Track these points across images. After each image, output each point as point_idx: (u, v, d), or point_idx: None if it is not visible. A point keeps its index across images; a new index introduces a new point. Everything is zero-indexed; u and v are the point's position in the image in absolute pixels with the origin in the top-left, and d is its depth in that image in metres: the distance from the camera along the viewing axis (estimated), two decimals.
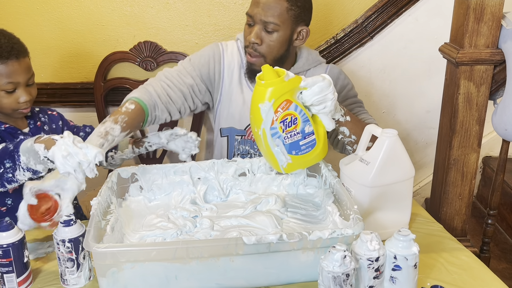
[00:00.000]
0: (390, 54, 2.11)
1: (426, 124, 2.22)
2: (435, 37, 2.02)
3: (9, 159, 1.15)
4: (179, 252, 1.06)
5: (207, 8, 2.01)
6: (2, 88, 1.35)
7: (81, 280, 1.15)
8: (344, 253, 0.99)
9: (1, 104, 1.37)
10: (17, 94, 1.37)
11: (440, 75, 1.59)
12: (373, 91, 2.17)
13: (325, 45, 2.06)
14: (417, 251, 1.05)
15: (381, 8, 2.01)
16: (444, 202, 1.49)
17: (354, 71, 2.13)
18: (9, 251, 1.10)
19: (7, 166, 1.16)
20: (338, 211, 1.25)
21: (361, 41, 2.06)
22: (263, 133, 1.20)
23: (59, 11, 2.00)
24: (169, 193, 1.44)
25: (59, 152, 1.08)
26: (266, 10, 1.44)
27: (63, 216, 1.14)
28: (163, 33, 2.04)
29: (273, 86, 1.17)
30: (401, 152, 1.27)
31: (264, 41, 1.48)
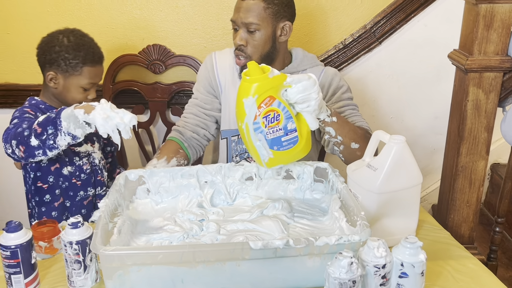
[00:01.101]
0: (398, 60, 2.11)
1: (434, 130, 2.22)
2: (444, 43, 2.00)
3: (51, 125, 1.26)
4: (185, 256, 1.06)
5: (215, 12, 2.02)
6: (83, 86, 1.52)
7: (87, 282, 1.15)
8: (350, 260, 0.99)
9: (74, 98, 1.52)
10: (89, 92, 1.55)
11: (448, 81, 1.59)
12: (381, 96, 2.17)
13: (333, 50, 2.07)
14: (424, 259, 1.05)
15: (390, 14, 2.01)
16: (451, 209, 1.49)
17: (362, 76, 2.13)
18: (17, 252, 1.10)
19: (49, 133, 1.26)
20: (345, 217, 1.25)
21: (370, 46, 2.07)
22: (246, 127, 1.23)
23: (69, 14, 2.01)
24: (176, 196, 1.44)
25: (99, 115, 1.19)
26: (245, 12, 1.54)
27: None
28: (171, 36, 2.05)
29: (257, 82, 1.20)
30: (409, 159, 1.26)
31: (248, 42, 1.57)
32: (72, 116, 1.24)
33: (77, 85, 1.51)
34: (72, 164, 1.57)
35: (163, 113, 2.09)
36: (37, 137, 1.28)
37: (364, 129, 1.54)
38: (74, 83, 1.51)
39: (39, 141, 1.28)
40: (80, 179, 1.59)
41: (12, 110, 2.04)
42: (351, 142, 1.42)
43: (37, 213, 1.59)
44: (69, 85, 1.52)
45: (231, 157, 1.74)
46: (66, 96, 1.53)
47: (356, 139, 1.43)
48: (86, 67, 1.50)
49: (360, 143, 1.43)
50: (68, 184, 1.57)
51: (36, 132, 1.28)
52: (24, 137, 1.29)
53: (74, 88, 1.52)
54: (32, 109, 1.51)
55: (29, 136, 1.28)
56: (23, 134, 1.30)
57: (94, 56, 1.53)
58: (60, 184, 1.57)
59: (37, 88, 2.03)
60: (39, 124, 1.28)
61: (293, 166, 1.46)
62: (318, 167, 1.46)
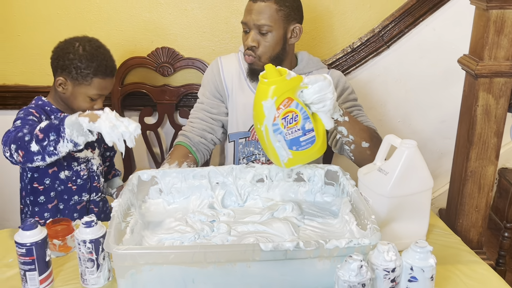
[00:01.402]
0: (406, 64, 2.11)
1: (441, 134, 2.22)
2: (452, 47, 2.03)
3: (54, 132, 1.26)
4: (196, 256, 1.08)
5: (224, 15, 2.03)
6: (90, 96, 1.51)
7: (100, 280, 1.17)
8: (360, 263, 1.00)
9: (79, 106, 1.51)
10: (95, 102, 1.54)
11: (456, 85, 1.60)
12: (389, 100, 2.18)
13: (341, 54, 2.08)
14: (434, 263, 1.05)
15: (398, 18, 2.02)
16: (460, 214, 1.49)
17: (370, 80, 2.13)
18: (32, 249, 1.13)
19: (51, 139, 1.27)
20: (355, 220, 1.26)
21: (378, 50, 2.07)
22: (265, 129, 1.25)
23: (79, 16, 2.03)
24: (187, 196, 1.46)
25: (105, 124, 1.21)
26: (258, 14, 1.56)
27: None
28: (180, 39, 2.06)
29: (276, 84, 1.22)
30: (420, 163, 1.27)
31: (260, 43, 1.59)
32: (76, 124, 1.25)
33: (85, 94, 1.51)
34: (70, 168, 1.58)
35: (171, 115, 2.10)
36: (38, 142, 1.28)
37: (372, 128, 1.56)
38: (82, 92, 1.51)
39: (39, 147, 1.28)
40: (76, 184, 1.60)
41: None
42: (362, 141, 1.44)
43: (30, 211, 1.60)
44: (77, 93, 1.51)
45: (238, 159, 1.76)
46: (73, 102, 1.53)
47: (366, 138, 1.45)
48: (97, 78, 1.50)
49: (369, 142, 1.45)
50: (63, 188, 1.58)
51: (38, 137, 1.28)
52: (25, 142, 1.29)
53: (82, 97, 1.51)
54: (37, 110, 1.51)
55: (29, 141, 1.29)
56: (24, 139, 1.30)
57: (107, 69, 1.52)
58: (56, 187, 1.57)
59: (46, 90, 2.04)
60: (41, 130, 1.28)
61: (304, 168, 1.47)
62: (329, 170, 1.47)
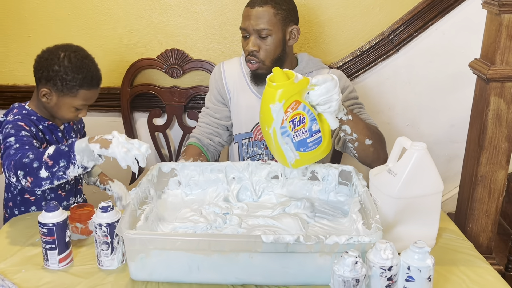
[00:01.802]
0: (415, 67, 2.10)
1: (450, 138, 2.20)
2: (462, 51, 2.02)
3: (64, 158, 1.28)
4: (201, 244, 1.13)
5: (234, 18, 2.06)
6: (75, 106, 1.52)
7: (114, 262, 1.24)
8: (355, 259, 1.02)
9: (64, 116, 1.54)
10: (80, 112, 1.55)
11: (465, 89, 1.58)
12: (398, 104, 2.17)
13: (350, 57, 2.09)
14: (432, 264, 1.06)
15: (408, 21, 2.02)
16: (470, 219, 1.47)
17: (379, 83, 2.13)
18: (53, 230, 1.22)
19: (61, 165, 1.28)
20: (362, 219, 1.27)
21: (387, 54, 2.07)
22: (273, 132, 1.27)
23: (89, 17, 2.08)
24: (204, 189, 1.52)
25: (119, 149, 1.25)
26: (256, 19, 1.60)
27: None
28: (190, 41, 2.10)
29: (284, 87, 1.24)
30: (429, 166, 1.27)
31: (261, 47, 1.62)
32: (87, 150, 1.27)
33: (70, 105, 1.51)
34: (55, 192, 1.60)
35: (179, 116, 2.15)
36: (48, 169, 1.28)
37: (374, 126, 1.57)
38: (67, 102, 1.50)
39: (49, 173, 1.29)
40: (65, 190, 1.63)
41: None
42: (365, 139, 1.46)
43: None
44: (61, 103, 1.51)
45: (242, 159, 1.80)
46: (57, 112, 1.53)
47: (369, 136, 1.46)
48: (82, 90, 1.49)
49: (372, 139, 1.47)
50: (54, 195, 1.61)
51: (47, 164, 1.28)
52: (33, 169, 1.29)
53: (66, 107, 1.51)
54: (26, 123, 1.49)
55: (39, 168, 1.28)
56: (32, 166, 1.29)
57: (93, 80, 1.51)
58: (46, 196, 1.60)
59: None
60: (50, 157, 1.28)
61: (318, 168, 1.50)
62: (343, 170, 1.49)
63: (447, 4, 1.99)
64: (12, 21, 2.10)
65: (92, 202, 1.44)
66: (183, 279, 1.18)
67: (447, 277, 1.22)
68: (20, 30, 2.11)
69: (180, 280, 1.18)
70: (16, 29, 2.10)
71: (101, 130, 1.50)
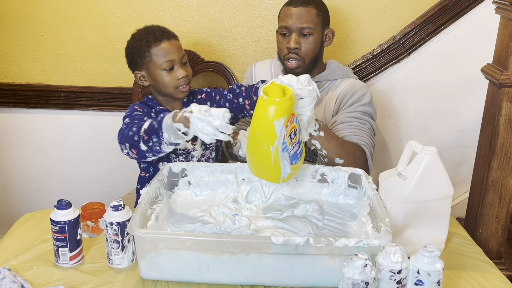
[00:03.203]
0: (426, 72, 2.11)
1: (460, 143, 2.20)
2: (473, 56, 2.02)
3: (155, 135, 1.32)
4: (211, 244, 1.14)
5: (245, 20, 2.07)
6: (162, 68, 1.51)
7: (124, 261, 1.25)
8: (365, 262, 1.02)
9: (166, 84, 1.53)
10: (175, 72, 1.52)
11: (476, 94, 1.58)
12: (408, 108, 2.17)
13: (361, 60, 2.09)
14: (441, 268, 1.06)
15: (419, 25, 2.02)
16: (480, 224, 1.47)
17: (389, 87, 2.14)
18: (65, 227, 1.23)
19: (154, 141, 1.33)
20: (372, 222, 1.27)
21: (398, 57, 2.08)
22: (276, 150, 1.20)
23: (102, 18, 2.09)
24: (214, 190, 1.52)
25: (196, 129, 1.24)
26: (300, 17, 1.65)
27: None
28: (201, 42, 2.11)
29: (286, 102, 1.17)
30: (439, 170, 1.27)
31: (302, 45, 1.67)
32: (171, 129, 1.28)
33: (159, 70, 1.51)
34: (168, 160, 1.60)
35: None
36: (145, 143, 1.34)
37: (356, 145, 1.56)
38: (154, 70, 1.52)
39: (147, 147, 1.34)
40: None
41: (44, 110, 2.22)
42: (335, 157, 1.48)
43: None
44: (153, 75, 1.53)
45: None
46: (159, 86, 1.54)
47: (342, 155, 1.48)
48: (153, 48, 1.50)
49: (345, 158, 1.49)
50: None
51: (144, 139, 1.33)
52: (135, 142, 1.35)
53: (159, 76, 1.52)
54: (140, 106, 1.56)
55: (138, 141, 1.35)
56: (134, 139, 1.35)
57: (156, 34, 1.51)
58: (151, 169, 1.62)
59: (68, 89, 2.17)
60: (145, 132, 1.33)
61: (328, 170, 1.50)
62: (353, 173, 1.48)
63: (459, 9, 1.99)
64: (26, 21, 2.12)
65: (103, 200, 1.45)
66: (193, 279, 1.19)
67: (456, 281, 1.22)
68: (34, 30, 2.13)
69: (189, 279, 1.19)
70: (30, 28, 2.13)
71: (113, 130, 1.52)
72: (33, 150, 2.30)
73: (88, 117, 2.24)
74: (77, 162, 2.31)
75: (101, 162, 2.27)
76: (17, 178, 2.35)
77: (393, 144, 2.24)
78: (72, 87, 2.19)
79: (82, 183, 2.34)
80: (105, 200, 1.42)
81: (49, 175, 2.34)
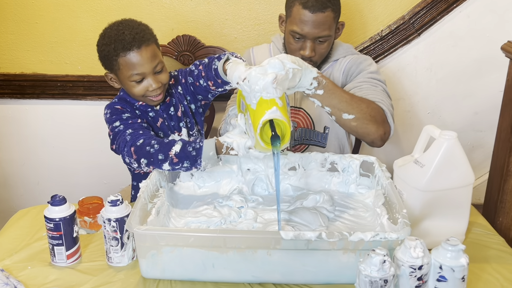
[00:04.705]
0: (437, 52, 2.02)
1: (474, 126, 2.12)
2: (487, 35, 1.94)
3: (190, 162, 1.26)
4: (216, 240, 1.06)
5: (247, 2, 1.99)
6: (131, 80, 1.38)
7: (124, 259, 1.18)
8: (383, 258, 0.94)
9: (133, 93, 1.41)
10: (145, 83, 1.39)
11: (491, 75, 1.49)
12: (418, 91, 2.10)
13: (369, 42, 2.01)
14: (466, 263, 0.98)
15: (430, 4, 1.93)
16: (500, 212, 1.39)
17: (398, 70, 2.06)
18: (60, 225, 1.15)
19: (184, 165, 1.27)
20: (387, 214, 1.20)
21: (408, 38, 2.00)
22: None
23: (97, 3, 2.01)
24: (218, 181, 1.44)
25: (239, 151, 1.24)
26: (318, 26, 1.51)
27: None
28: (202, 26, 2.02)
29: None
30: (460, 156, 1.19)
31: (317, 51, 1.57)
32: (213, 159, 1.25)
33: (127, 80, 1.38)
34: None
35: None
36: (171, 165, 1.27)
37: (369, 101, 1.44)
38: (122, 78, 1.39)
39: (171, 168, 1.27)
40: None
41: (40, 100, 2.14)
42: (342, 113, 1.37)
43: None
44: (122, 81, 1.41)
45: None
46: (128, 92, 1.43)
47: (350, 110, 1.37)
48: (120, 58, 1.35)
49: (356, 114, 1.38)
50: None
51: (172, 161, 1.26)
52: (158, 161, 1.27)
53: (126, 84, 1.40)
54: (121, 104, 1.44)
55: (163, 161, 1.27)
56: (157, 158, 1.27)
57: (125, 42, 1.34)
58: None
59: (64, 78, 2.09)
60: (177, 155, 1.25)
61: (338, 158, 1.43)
62: (365, 161, 1.41)
63: None
64: (19, 8, 2.03)
65: (104, 193, 1.37)
66: (197, 277, 1.11)
67: (479, 275, 1.14)
68: (27, 17, 2.05)
69: (194, 278, 1.12)
70: (23, 15, 2.05)
71: None
72: (30, 142, 2.23)
73: (86, 107, 2.17)
74: (76, 153, 2.25)
75: (101, 153, 2.20)
76: (15, 172, 2.28)
77: (404, 129, 2.16)
78: (68, 76, 2.11)
79: (83, 175, 2.28)
80: (106, 193, 1.33)
81: (48, 168, 2.28)
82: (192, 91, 1.52)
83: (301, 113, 1.69)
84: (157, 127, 1.49)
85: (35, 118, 2.20)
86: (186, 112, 1.54)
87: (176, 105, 1.52)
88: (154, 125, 1.48)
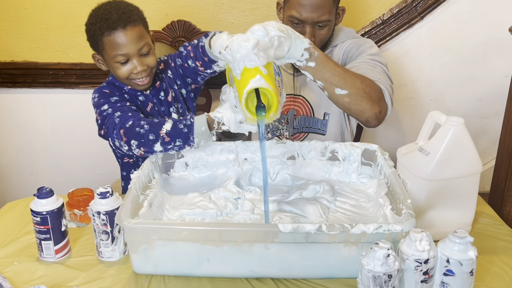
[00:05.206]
0: (441, 36, 1.95)
1: (478, 113, 2.06)
2: (493, 18, 1.87)
3: (182, 139, 1.22)
4: (211, 234, 1.01)
5: None
6: (115, 61, 1.34)
7: (115, 253, 1.13)
8: (387, 252, 0.89)
9: (118, 75, 1.38)
10: (130, 65, 1.35)
11: (496, 59, 1.43)
12: (421, 76, 2.03)
13: (370, 26, 1.94)
14: (475, 257, 0.92)
15: None
16: (507, 200, 1.33)
17: (400, 55, 1.99)
18: (47, 218, 1.10)
19: (177, 144, 1.23)
20: (390, 204, 1.14)
21: (410, 22, 1.92)
22: None
23: None
24: (214, 171, 1.39)
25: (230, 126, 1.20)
26: (316, 9, 1.45)
27: None
28: (197, 11, 1.95)
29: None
30: (467, 143, 1.13)
31: (316, 36, 1.50)
32: (205, 134, 1.21)
33: (111, 60, 1.35)
34: None
35: None
36: (163, 144, 1.23)
37: (364, 77, 1.37)
38: (107, 59, 1.36)
39: (163, 148, 1.23)
40: None
41: (32, 89, 2.08)
42: (335, 88, 1.30)
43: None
44: (107, 62, 1.38)
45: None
46: (114, 74, 1.40)
47: (343, 85, 1.29)
48: (105, 38, 1.32)
49: (349, 89, 1.30)
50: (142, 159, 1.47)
51: (164, 140, 1.22)
52: (149, 141, 1.23)
53: (111, 65, 1.37)
54: (109, 88, 1.41)
55: (154, 141, 1.23)
56: (148, 138, 1.23)
57: (110, 21, 1.31)
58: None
59: (56, 66, 2.02)
60: (168, 134, 1.22)
61: (339, 147, 1.37)
62: (367, 149, 1.36)
63: None
64: None
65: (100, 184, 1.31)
66: (192, 272, 1.06)
67: (487, 268, 1.09)
68: (16, 2, 1.97)
69: (188, 273, 1.06)
70: (11, 1, 1.97)
71: None
72: (22, 132, 2.18)
73: (79, 96, 2.10)
74: (69, 144, 2.19)
75: (95, 143, 2.12)
76: (7, 162, 2.23)
77: (406, 116, 2.10)
78: (60, 64, 2.04)
79: (77, 166, 2.22)
80: (101, 184, 1.27)
81: (41, 158, 2.22)
82: (181, 74, 1.47)
83: (299, 100, 1.63)
84: (147, 112, 1.44)
85: (28, 108, 2.13)
86: (177, 97, 1.49)
87: (166, 90, 1.47)
88: (144, 110, 1.44)
